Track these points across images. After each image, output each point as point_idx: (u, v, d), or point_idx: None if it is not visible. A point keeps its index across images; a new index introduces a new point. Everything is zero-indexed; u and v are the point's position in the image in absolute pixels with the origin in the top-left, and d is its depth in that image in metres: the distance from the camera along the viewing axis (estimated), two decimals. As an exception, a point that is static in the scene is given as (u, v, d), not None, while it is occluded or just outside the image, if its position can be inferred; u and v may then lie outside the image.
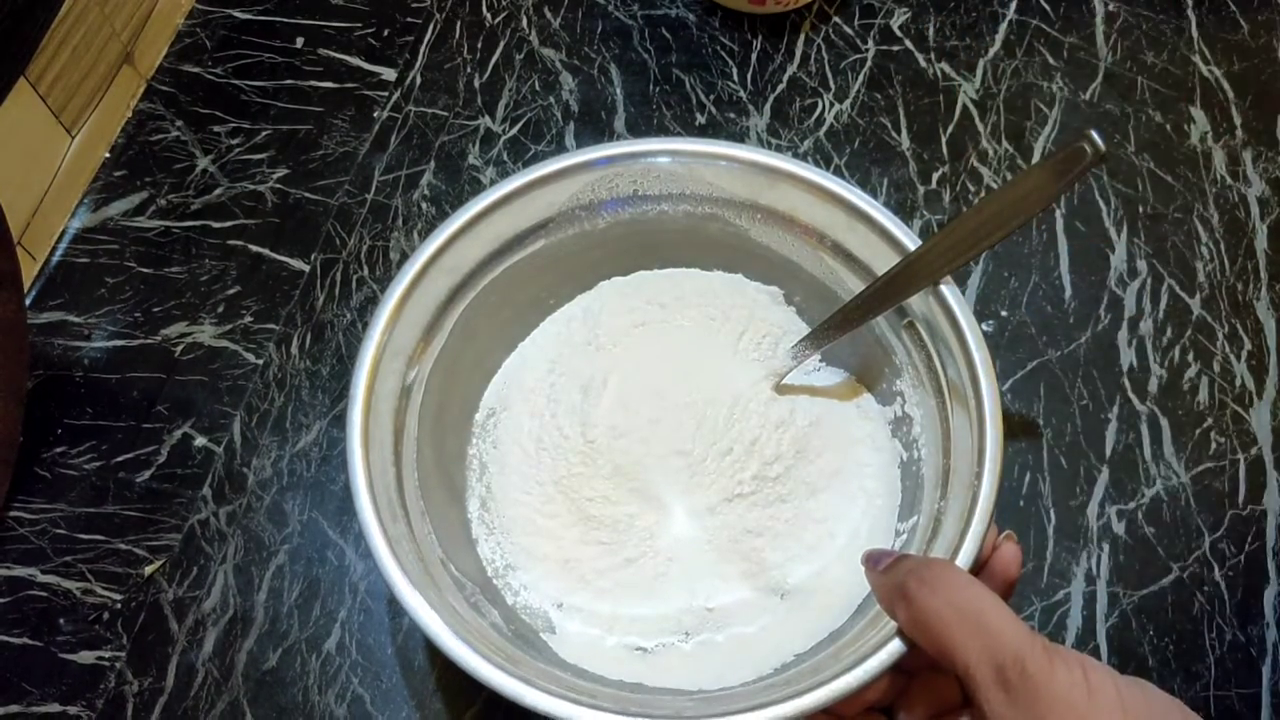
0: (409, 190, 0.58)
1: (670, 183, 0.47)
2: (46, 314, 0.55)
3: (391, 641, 0.46)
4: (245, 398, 0.52)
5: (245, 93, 0.61)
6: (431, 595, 0.38)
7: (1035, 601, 0.46)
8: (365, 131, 0.60)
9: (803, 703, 0.36)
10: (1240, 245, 0.55)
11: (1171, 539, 0.48)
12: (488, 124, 0.60)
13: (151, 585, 0.48)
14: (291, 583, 0.48)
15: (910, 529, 0.43)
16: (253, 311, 0.55)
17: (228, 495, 0.50)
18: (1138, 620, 0.46)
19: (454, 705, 0.45)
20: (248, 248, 0.56)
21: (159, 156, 0.59)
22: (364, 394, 0.42)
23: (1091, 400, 0.51)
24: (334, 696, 0.45)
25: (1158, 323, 0.53)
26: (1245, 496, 0.49)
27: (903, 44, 0.62)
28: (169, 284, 0.55)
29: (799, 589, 0.44)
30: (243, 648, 0.47)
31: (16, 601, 0.48)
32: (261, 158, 0.59)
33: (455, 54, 0.62)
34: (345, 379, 0.52)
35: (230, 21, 0.64)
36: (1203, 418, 0.51)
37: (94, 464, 0.51)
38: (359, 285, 0.55)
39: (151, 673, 0.46)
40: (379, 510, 0.39)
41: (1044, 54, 0.61)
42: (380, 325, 0.43)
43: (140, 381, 0.53)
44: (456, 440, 0.47)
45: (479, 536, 0.46)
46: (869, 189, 0.57)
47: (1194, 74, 0.60)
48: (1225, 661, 0.45)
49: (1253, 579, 0.47)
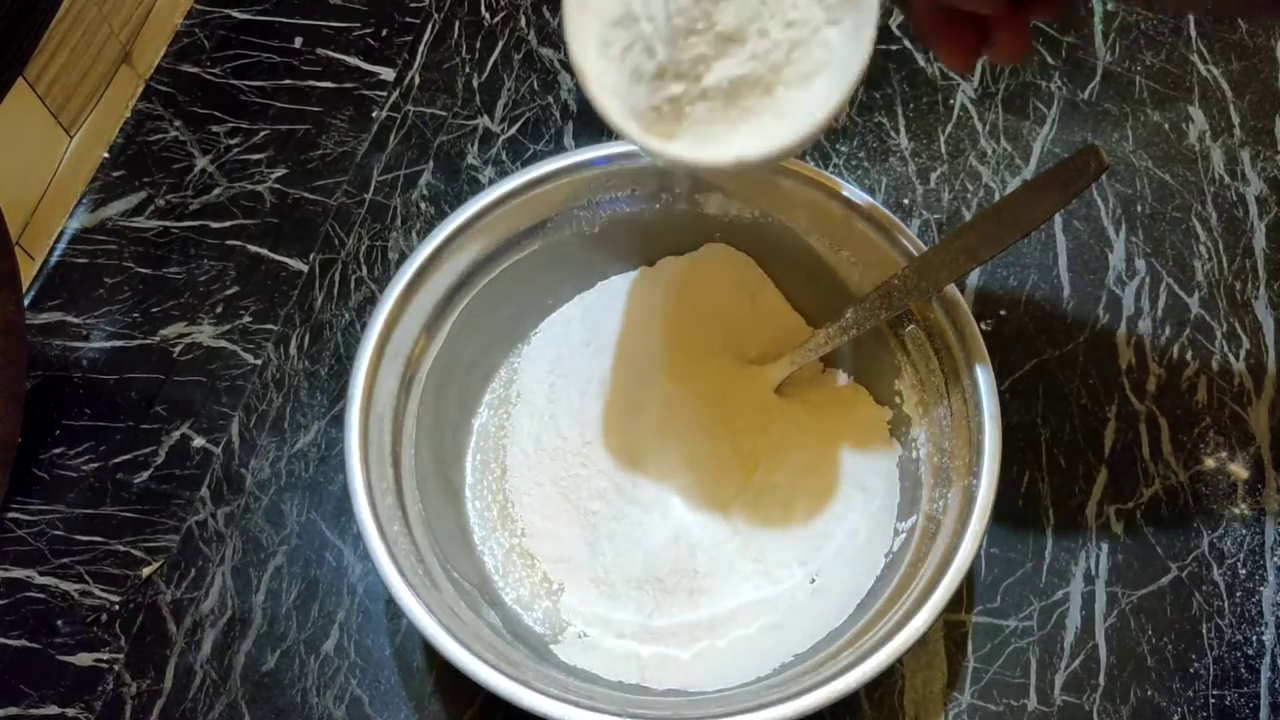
0: (408, 190, 0.58)
1: (669, 182, 0.47)
2: (45, 314, 0.55)
3: (390, 643, 0.46)
4: (243, 398, 0.52)
5: (244, 93, 0.61)
6: (430, 597, 0.38)
7: (1034, 601, 0.46)
8: (364, 131, 0.60)
9: (802, 704, 0.36)
10: (1239, 244, 0.55)
11: (1170, 538, 0.48)
12: (486, 124, 0.60)
13: (149, 587, 0.48)
14: (290, 584, 0.48)
15: (909, 528, 0.43)
16: (251, 312, 0.55)
17: (226, 496, 0.50)
18: (1136, 620, 0.46)
19: (452, 707, 0.45)
20: (246, 248, 0.56)
21: (157, 156, 0.59)
22: (362, 394, 0.42)
23: (1090, 399, 0.51)
24: (332, 698, 0.45)
25: (1156, 322, 0.53)
26: (1244, 496, 0.49)
27: (901, 43, 0.62)
28: (167, 284, 0.55)
29: (798, 589, 0.44)
30: (241, 649, 0.46)
31: (14, 603, 0.48)
32: (260, 158, 0.59)
33: (454, 54, 0.62)
34: (344, 379, 0.52)
35: (229, 21, 0.64)
36: (1201, 417, 0.51)
37: (92, 465, 0.51)
38: (357, 285, 0.55)
39: (150, 674, 0.46)
40: (377, 511, 0.39)
41: (1042, 53, 0.61)
42: (379, 325, 0.43)
43: (138, 382, 0.53)
44: (455, 441, 0.47)
45: (478, 537, 0.46)
46: (867, 188, 0.57)
47: (1192, 73, 0.60)
48: (1224, 661, 0.45)
49: (1252, 579, 0.47)
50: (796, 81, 0.34)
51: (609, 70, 0.35)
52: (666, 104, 0.34)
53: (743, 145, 0.34)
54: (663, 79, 0.34)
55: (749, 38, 0.33)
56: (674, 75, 0.34)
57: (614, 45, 0.35)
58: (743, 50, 0.34)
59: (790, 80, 0.34)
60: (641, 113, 0.35)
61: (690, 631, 0.43)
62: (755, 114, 0.34)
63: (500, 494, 0.47)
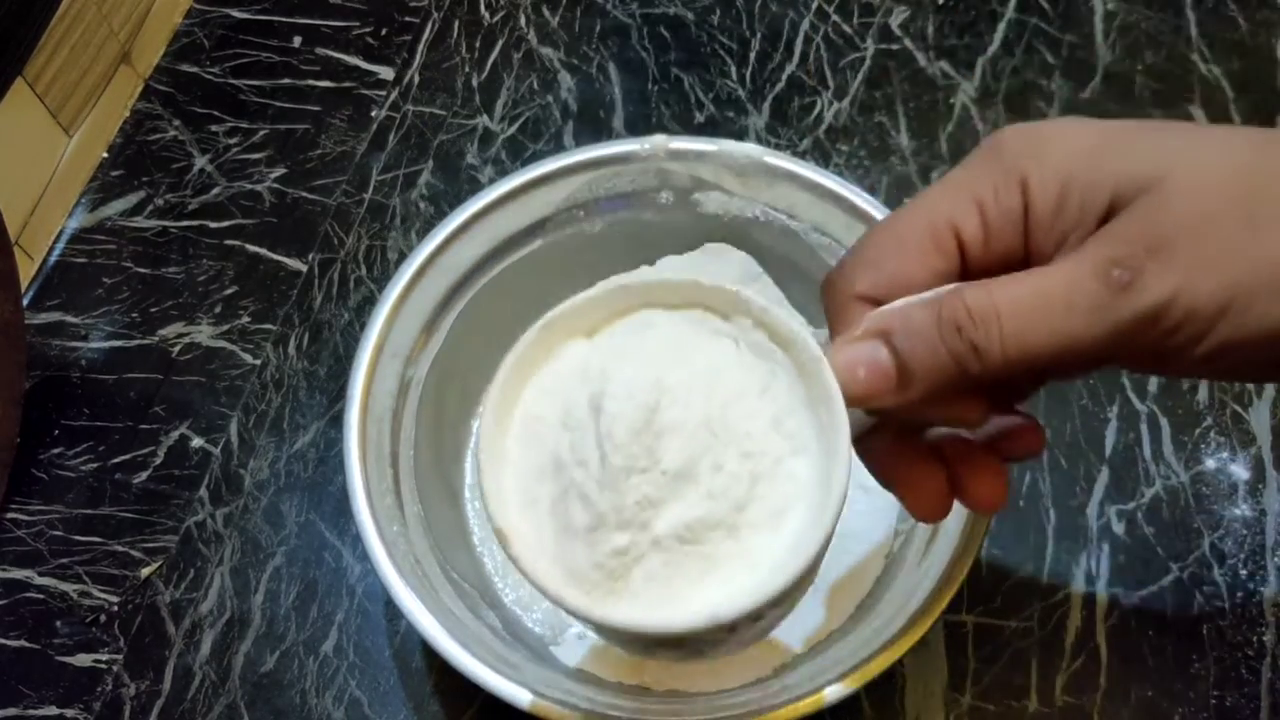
0: (407, 190, 0.58)
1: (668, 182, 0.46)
2: (44, 314, 0.55)
3: (389, 644, 0.46)
4: (242, 398, 0.52)
5: (243, 92, 0.61)
6: (429, 598, 0.38)
7: (1035, 602, 0.46)
8: (363, 131, 0.60)
9: (801, 706, 0.36)
10: (1240, 244, 0.55)
11: (1171, 539, 0.48)
12: (486, 123, 0.60)
13: (148, 587, 0.48)
14: (289, 585, 0.48)
15: (910, 529, 0.43)
16: (250, 312, 0.54)
17: (225, 497, 0.50)
18: (1138, 620, 0.46)
19: (452, 708, 0.45)
20: (245, 247, 0.56)
21: (156, 156, 0.59)
22: (361, 395, 0.41)
23: (1091, 400, 0.51)
24: (331, 699, 0.45)
25: (1157, 322, 0.53)
26: (1245, 496, 0.49)
27: (901, 43, 0.62)
28: (166, 284, 0.55)
29: (798, 590, 0.43)
30: (240, 650, 0.46)
31: (13, 604, 0.48)
32: (259, 157, 0.59)
33: (453, 53, 0.62)
34: (343, 379, 0.52)
35: (228, 21, 0.64)
36: (1202, 417, 0.50)
37: (91, 465, 0.51)
38: (357, 285, 0.55)
39: (148, 675, 0.46)
40: (376, 512, 0.39)
41: (1043, 52, 0.61)
42: (378, 325, 0.43)
43: (137, 382, 0.53)
44: (454, 441, 0.47)
45: (477, 538, 0.46)
46: (868, 187, 0.57)
47: (1193, 73, 0.60)
48: (1225, 661, 0.45)
49: (1253, 579, 0.47)
50: (764, 523, 0.30)
51: (537, 529, 0.30)
52: (612, 559, 0.29)
53: (711, 602, 0.29)
54: (604, 529, 0.29)
55: (702, 474, 0.29)
56: (617, 524, 0.29)
57: (541, 501, 0.30)
58: (696, 489, 0.29)
59: (757, 522, 0.30)
60: (582, 574, 0.29)
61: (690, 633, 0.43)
62: (721, 563, 0.29)
63: (500, 495, 0.46)
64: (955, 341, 0.27)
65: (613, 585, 0.29)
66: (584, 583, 0.29)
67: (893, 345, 0.28)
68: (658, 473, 0.29)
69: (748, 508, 0.30)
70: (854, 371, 0.29)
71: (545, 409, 0.31)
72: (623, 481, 0.29)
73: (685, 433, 0.29)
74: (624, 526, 0.29)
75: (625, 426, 0.29)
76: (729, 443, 0.30)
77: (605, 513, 0.29)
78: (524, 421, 0.31)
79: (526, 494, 0.31)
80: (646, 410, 0.29)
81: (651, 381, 0.29)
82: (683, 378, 0.30)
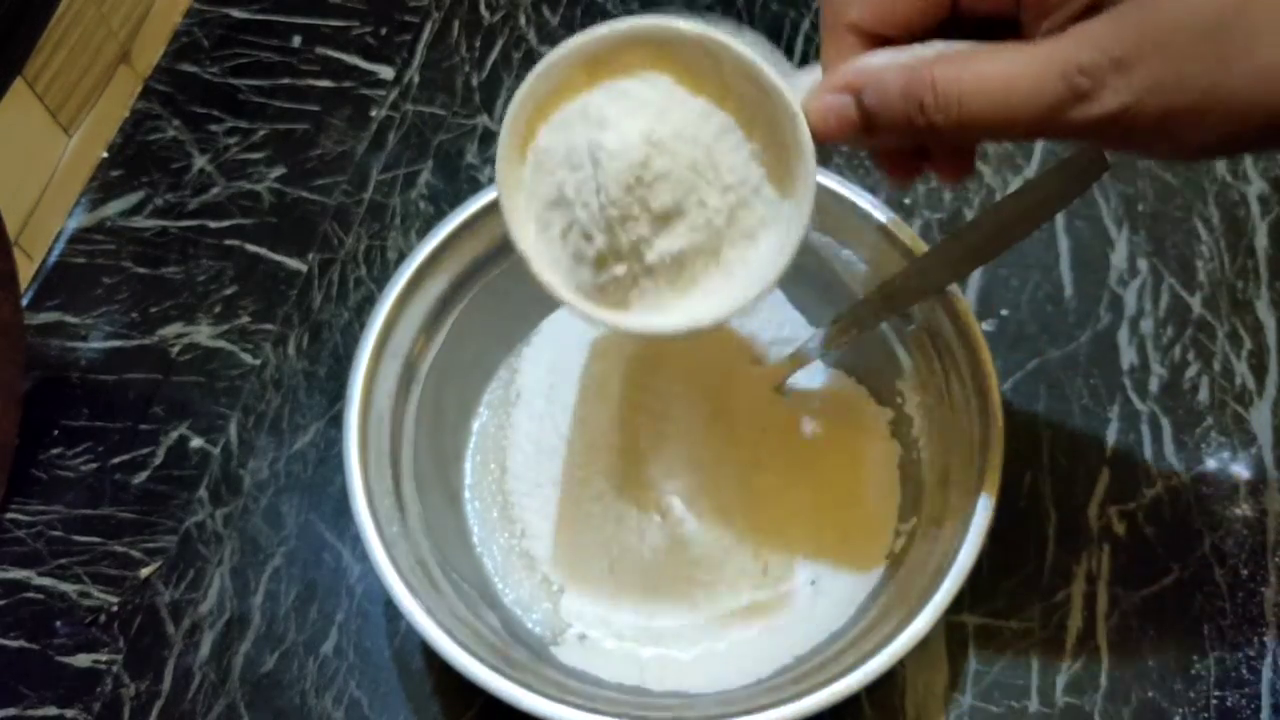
0: (407, 189, 0.58)
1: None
2: (43, 314, 0.55)
3: (389, 644, 0.46)
4: (242, 399, 0.52)
5: (242, 92, 0.61)
6: (429, 598, 0.38)
7: (1036, 602, 0.46)
8: (363, 130, 0.59)
9: (802, 705, 0.36)
10: (1240, 244, 0.55)
11: (1172, 539, 0.48)
12: (486, 123, 0.60)
13: (148, 588, 0.48)
14: (288, 585, 0.48)
15: (910, 529, 0.43)
16: (250, 312, 0.54)
17: (224, 497, 0.50)
18: (1138, 620, 0.46)
19: (452, 709, 0.45)
20: (245, 247, 0.56)
21: (156, 156, 0.59)
22: (361, 395, 0.41)
23: (1092, 400, 0.51)
24: (331, 700, 0.45)
25: (1158, 321, 0.53)
26: (1245, 496, 0.49)
27: (902, 42, 0.62)
28: (166, 284, 0.55)
29: (798, 591, 0.43)
30: (240, 651, 0.46)
31: (13, 604, 0.48)
32: (259, 157, 0.59)
33: (453, 52, 0.62)
34: (342, 380, 0.52)
35: (228, 20, 0.64)
36: (1203, 417, 0.50)
37: (90, 465, 0.51)
38: (356, 285, 0.55)
39: (148, 676, 0.46)
40: (376, 512, 0.39)
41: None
42: (378, 325, 0.43)
43: (137, 382, 0.53)
44: (454, 442, 0.47)
45: (477, 539, 0.46)
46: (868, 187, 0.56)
47: (1194, 72, 0.60)
48: (1225, 661, 0.45)
49: (1254, 579, 0.47)
50: (741, 240, 0.34)
51: (551, 250, 0.35)
52: (612, 284, 0.34)
53: (694, 311, 0.34)
54: (604, 264, 0.34)
55: (688, 210, 0.33)
56: (615, 259, 0.34)
57: (553, 226, 0.34)
58: (683, 223, 0.33)
59: (735, 240, 0.34)
60: (589, 291, 0.35)
61: (690, 633, 0.43)
62: (703, 278, 0.35)
63: (500, 495, 0.47)
64: (915, 114, 0.30)
65: (616, 298, 0.35)
66: (592, 296, 0.35)
67: (861, 103, 0.32)
68: (648, 217, 0.33)
69: (727, 231, 0.34)
70: (825, 118, 0.33)
71: (554, 142, 0.34)
72: (618, 227, 0.33)
73: (673, 179, 0.33)
74: (621, 259, 0.34)
75: (618, 183, 0.32)
76: (713, 180, 0.33)
77: (604, 251, 0.34)
78: (535, 152, 0.34)
79: (540, 219, 0.35)
80: (638, 166, 0.32)
81: (642, 134, 0.32)
82: (674, 124, 0.33)
